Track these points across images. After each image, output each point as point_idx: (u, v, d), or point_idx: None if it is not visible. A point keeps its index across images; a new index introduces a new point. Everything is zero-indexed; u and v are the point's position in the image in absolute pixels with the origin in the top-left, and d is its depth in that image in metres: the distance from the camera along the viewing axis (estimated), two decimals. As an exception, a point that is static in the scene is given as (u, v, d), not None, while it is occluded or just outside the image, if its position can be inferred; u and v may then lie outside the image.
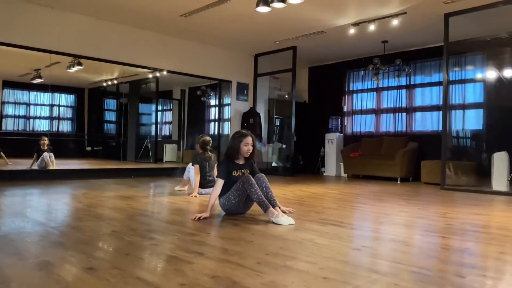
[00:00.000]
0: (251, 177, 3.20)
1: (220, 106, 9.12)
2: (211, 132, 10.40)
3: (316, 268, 1.93)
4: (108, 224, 2.94)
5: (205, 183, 4.74)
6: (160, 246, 2.32)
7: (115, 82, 9.27)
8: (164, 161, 9.80)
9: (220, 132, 9.05)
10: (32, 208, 3.66)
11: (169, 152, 10.17)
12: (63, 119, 9.04)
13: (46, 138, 7.04)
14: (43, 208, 3.68)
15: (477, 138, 7.23)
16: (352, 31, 6.84)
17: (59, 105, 8.90)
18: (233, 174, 3.36)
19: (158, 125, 10.05)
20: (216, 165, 4.56)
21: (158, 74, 8.35)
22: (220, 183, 3.32)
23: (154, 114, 9.92)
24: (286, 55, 8.29)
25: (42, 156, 6.80)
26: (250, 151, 3.39)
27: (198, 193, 4.62)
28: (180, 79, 9.05)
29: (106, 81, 9.29)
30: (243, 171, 3.40)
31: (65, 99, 9.01)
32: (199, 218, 3.10)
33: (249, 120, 8.44)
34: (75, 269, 1.84)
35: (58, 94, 8.78)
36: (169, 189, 5.39)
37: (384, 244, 2.55)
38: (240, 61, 8.79)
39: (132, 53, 7.23)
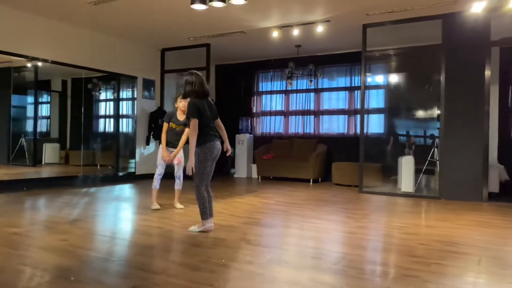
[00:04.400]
0: None
1: (118, 100, 8.13)
2: (101, 130, 9.31)
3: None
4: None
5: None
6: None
7: (-24, 69, 7.63)
8: (43, 163, 8.45)
9: (120, 130, 8.09)
10: None
11: (50, 152, 8.81)
12: None
13: None
14: None
15: (381, 141, 7.79)
16: (275, 34, 6.72)
17: None
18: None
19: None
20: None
21: (39, 64, 7.10)
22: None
23: (30, 107, 8.44)
24: (195, 52, 7.80)
25: None
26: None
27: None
28: (61, 68, 7.87)
29: (-38, 67, 7.57)
30: None
31: None
32: None
33: (158, 120, 7.75)
34: None
35: None
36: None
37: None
38: (145, 56, 7.99)
39: (14, 40, 5.98)
